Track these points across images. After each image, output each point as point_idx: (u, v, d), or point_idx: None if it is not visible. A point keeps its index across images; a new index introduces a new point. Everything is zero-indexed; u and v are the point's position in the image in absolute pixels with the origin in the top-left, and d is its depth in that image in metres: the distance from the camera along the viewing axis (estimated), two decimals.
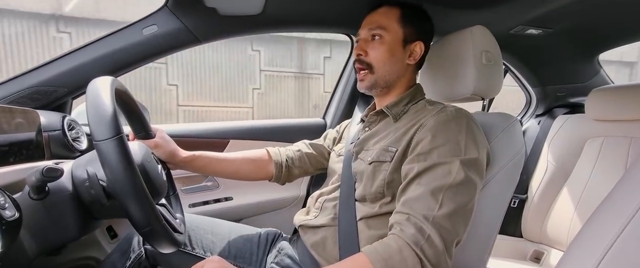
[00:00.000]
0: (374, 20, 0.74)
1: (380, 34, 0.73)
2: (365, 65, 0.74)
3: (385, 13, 0.74)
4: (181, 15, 0.87)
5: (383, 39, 0.73)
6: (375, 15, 0.75)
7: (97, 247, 0.91)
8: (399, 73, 0.75)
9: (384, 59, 0.73)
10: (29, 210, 0.52)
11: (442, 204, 0.55)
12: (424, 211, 0.55)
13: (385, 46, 0.72)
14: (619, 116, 1.16)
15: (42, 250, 0.55)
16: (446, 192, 0.56)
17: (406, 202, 0.57)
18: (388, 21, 0.73)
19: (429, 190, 0.56)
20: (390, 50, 0.73)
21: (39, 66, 0.84)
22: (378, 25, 0.73)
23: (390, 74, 0.74)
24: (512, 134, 0.74)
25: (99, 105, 0.50)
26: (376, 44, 0.73)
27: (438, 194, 0.56)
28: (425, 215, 0.54)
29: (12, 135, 0.66)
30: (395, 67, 0.74)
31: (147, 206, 0.50)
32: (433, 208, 0.55)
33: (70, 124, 0.84)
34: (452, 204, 0.55)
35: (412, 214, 0.55)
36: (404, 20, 0.73)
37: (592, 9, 0.96)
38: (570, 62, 1.34)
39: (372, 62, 0.73)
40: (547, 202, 1.31)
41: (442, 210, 0.54)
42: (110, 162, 0.48)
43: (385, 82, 0.74)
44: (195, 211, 1.09)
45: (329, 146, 0.92)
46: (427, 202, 0.55)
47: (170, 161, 0.79)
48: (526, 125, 1.56)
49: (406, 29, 0.73)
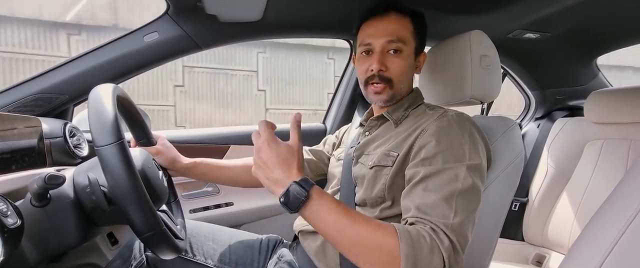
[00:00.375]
0: (392, 31, 0.69)
1: (400, 48, 0.69)
2: (385, 80, 0.70)
3: (399, 22, 0.70)
4: (182, 23, 0.88)
5: (402, 54, 0.70)
6: (391, 24, 0.70)
7: (98, 254, 0.90)
8: (410, 85, 0.75)
9: (403, 73, 0.71)
10: (30, 218, 0.52)
11: (456, 212, 0.54)
12: (442, 218, 0.53)
13: (405, 61, 0.70)
14: (618, 119, 1.16)
15: (43, 257, 0.55)
16: (458, 198, 0.55)
17: (421, 208, 0.55)
18: (405, 33, 0.70)
19: (442, 197, 0.55)
20: (409, 65, 0.72)
21: (41, 74, 0.85)
22: (397, 36, 0.69)
23: (405, 87, 0.73)
24: (512, 138, 0.74)
25: (101, 112, 0.51)
26: (396, 59, 0.70)
27: (451, 201, 0.55)
28: (445, 224, 0.52)
29: (14, 143, 0.66)
30: (409, 80, 0.74)
31: (148, 212, 0.50)
32: (448, 216, 0.53)
33: (72, 131, 0.84)
34: (465, 211, 0.55)
35: (435, 222, 0.53)
36: (416, 32, 0.72)
37: (589, 13, 0.97)
38: (569, 65, 1.34)
39: (393, 77, 0.70)
40: (547, 205, 1.31)
41: (457, 218, 0.53)
42: (112, 167, 0.48)
43: (401, 95, 0.73)
44: (196, 216, 1.09)
45: (329, 151, 0.92)
46: (442, 209, 0.54)
47: (172, 168, 0.80)
48: (525, 128, 1.56)
49: (417, 41, 0.73)
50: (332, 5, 0.89)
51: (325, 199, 0.52)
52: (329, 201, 0.52)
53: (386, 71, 0.70)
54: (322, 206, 0.51)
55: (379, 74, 0.70)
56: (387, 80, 0.70)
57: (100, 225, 0.63)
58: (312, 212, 0.51)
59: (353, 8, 0.87)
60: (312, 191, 0.51)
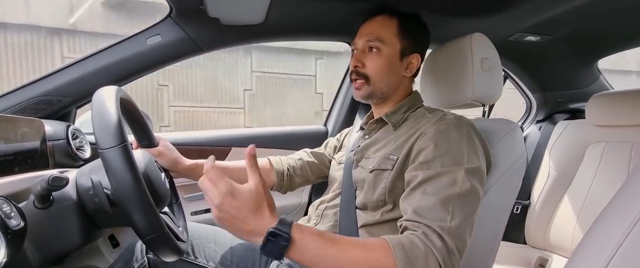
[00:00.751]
0: (371, 31, 0.73)
1: (378, 46, 0.72)
2: (361, 76, 0.73)
3: (383, 24, 0.73)
4: (184, 25, 0.88)
5: (381, 52, 0.72)
6: (373, 25, 0.74)
7: (100, 257, 0.90)
8: (395, 85, 0.75)
9: (381, 71, 0.72)
10: (33, 220, 0.52)
11: (453, 215, 0.54)
12: (439, 222, 0.53)
13: (383, 59, 0.72)
14: (620, 121, 1.16)
15: (45, 259, 0.55)
16: (455, 202, 0.55)
17: (418, 211, 0.56)
18: (386, 33, 0.73)
19: (439, 200, 0.55)
20: (388, 63, 0.73)
21: (44, 76, 0.86)
22: (376, 36, 0.72)
23: (387, 86, 0.74)
24: (513, 140, 0.74)
25: (104, 114, 0.51)
26: (374, 56, 0.73)
27: (448, 205, 0.55)
28: (441, 226, 0.53)
29: (17, 145, 0.67)
30: (392, 80, 0.74)
31: (151, 214, 0.50)
32: (445, 219, 0.54)
33: (74, 133, 0.84)
34: (462, 215, 0.55)
35: (430, 225, 0.53)
36: (402, 33, 0.73)
37: (591, 15, 0.97)
38: (570, 68, 1.35)
39: (369, 74, 0.73)
40: (549, 208, 1.30)
41: (454, 221, 0.54)
42: (115, 170, 0.48)
43: (382, 94, 0.74)
44: (197, 219, 1.09)
45: (330, 154, 0.92)
46: (439, 213, 0.54)
47: (173, 169, 0.80)
48: (527, 131, 1.56)
49: (404, 42, 0.73)
50: (333, 9, 0.90)
51: (307, 236, 0.48)
52: (312, 236, 0.49)
53: (362, 67, 0.73)
54: (306, 244, 0.48)
55: (356, 69, 0.74)
56: (363, 76, 0.73)
57: (103, 227, 0.63)
58: (299, 253, 0.48)
59: (353, 11, 0.88)
60: (292, 232, 0.47)
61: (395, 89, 0.75)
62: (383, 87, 0.74)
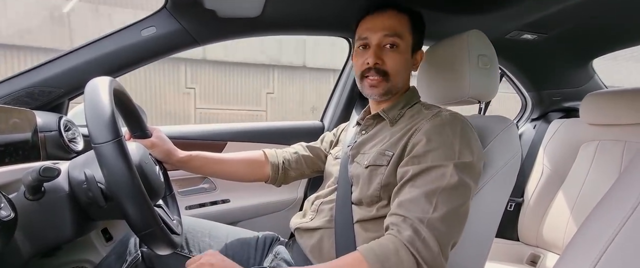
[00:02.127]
0: (389, 26, 0.70)
1: (397, 42, 0.70)
2: (381, 73, 0.71)
3: (397, 18, 0.72)
4: (180, 17, 0.87)
5: (399, 48, 0.71)
6: (388, 19, 0.71)
7: (92, 250, 0.90)
8: (407, 81, 0.75)
9: (400, 68, 0.72)
10: (24, 211, 0.52)
11: (436, 207, 0.55)
12: (419, 213, 0.55)
13: (401, 55, 0.71)
14: (613, 120, 1.17)
15: (36, 251, 0.55)
16: (440, 194, 0.56)
17: (401, 204, 0.57)
18: (403, 28, 0.71)
19: (423, 193, 0.56)
20: (405, 60, 0.72)
21: (36, 66, 0.84)
22: (394, 31, 0.70)
23: (402, 82, 0.74)
24: (509, 137, 0.75)
25: (98, 107, 0.50)
26: (394, 53, 0.71)
27: (432, 197, 0.56)
28: (420, 218, 0.54)
29: (8, 136, 0.66)
30: (406, 76, 0.74)
31: (146, 210, 0.50)
32: (427, 211, 0.55)
33: (67, 125, 0.83)
34: (446, 207, 0.56)
35: (408, 216, 0.55)
36: (414, 28, 0.73)
37: (587, 15, 0.98)
38: (565, 67, 1.36)
39: (389, 71, 0.71)
40: (543, 205, 1.32)
41: (436, 213, 0.55)
42: (110, 165, 0.48)
43: (397, 90, 0.74)
44: (192, 214, 1.09)
45: (326, 149, 0.92)
46: (421, 205, 0.56)
47: (167, 161, 0.79)
48: (522, 129, 1.58)
49: (415, 37, 0.73)
50: (332, 3, 0.89)
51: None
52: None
53: (382, 64, 0.71)
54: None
55: (375, 66, 0.70)
56: (383, 74, 0.71)
57: (96, 219, 0.62)
58: None
59: (353, 6, 0.87)
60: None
61: (406, 85, 0.76)
62: (399, 84, 0.73)
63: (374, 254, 0.53)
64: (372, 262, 0.52)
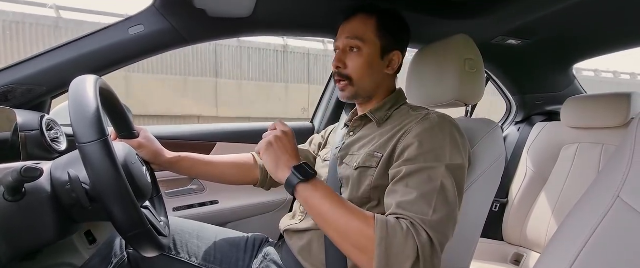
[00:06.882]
0: (351, 30, 0.73)
1: (358, 46, 0.72)
2: (344, 77, 0.73)
3: (362, 22, 0.73)
4: (169, 16, 0.86)
5: (361, 52, 0.72)
6: (353, 23, 0.73)
7: (75, 253, 0.87)
8: (378, 83, 0.75)
9: (362, 71, 0.73)
10: (3, 212, 0.50)
11: (435, 209, 0.55)
12: (421, 215, 0.55)
13: (364, 59, 0.72)
14: (592, 124, 1.22)
15: (16, 254, 0.53)
16: (437, 197, 0.57)
17: (400, 205, 0.57)
18: (365, 32, 0.72)
19: (421, 195, 0.57)
20: (369, 62, 0.73)
21: (17, 63, 0.81)
22: (355, 35, 0.72)
23: (370, 85, 0.74)
24: (494, 139, 0.77)
25: (83, 106, 0.49)
26: (354, 57, 0.72)
27: (430, 199, 0.56)
28: (422, 220, 0.54)
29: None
30: (374, 78, 0.74)
31: (132, 211, 0.49)
32: (427, 213, 0.55)
33: (49, 124, 0.81)
34: (444, 209, 0.56)
35: (412, 218, 0.55)
36: (382, 31, 0.73)
37: (567, 22, 1.02)
38: (547, 71, 1.40)
39: (351, 75, 0.73)
40: (526, 206, 1.36)
41: (436, 215, 0.55)
42: (95, 165, 0.46)
43: (366, 93, 0.75)
44: (180, 215, 1.07)
45: (314, 151, 0.92)
46: (421, 207, 0.55)
47: (155, 161, 0.77)
48: (506, 131, 1.62)
49: (384, 40, 0.73)
50: (319, 5, 0.90)
51: (321, 185, 0.59)
52: (324, 188, 0.58)
53: (345, 68, 0.74)
54: (316, 189, 0.58)
55: (338, 71, 0.74)
56: (346, 78, 0.74)
57: (79, 221, 0.60)
58: (306, 191, 0.58)
59: (336, 9, 0.88)
60: (313, 177, 0.59)
61: (379, 86, 0.76)
62: (366, 87, 0.74)
63: (384, 226, 0.52)
64: (379, 228, 0.52)
